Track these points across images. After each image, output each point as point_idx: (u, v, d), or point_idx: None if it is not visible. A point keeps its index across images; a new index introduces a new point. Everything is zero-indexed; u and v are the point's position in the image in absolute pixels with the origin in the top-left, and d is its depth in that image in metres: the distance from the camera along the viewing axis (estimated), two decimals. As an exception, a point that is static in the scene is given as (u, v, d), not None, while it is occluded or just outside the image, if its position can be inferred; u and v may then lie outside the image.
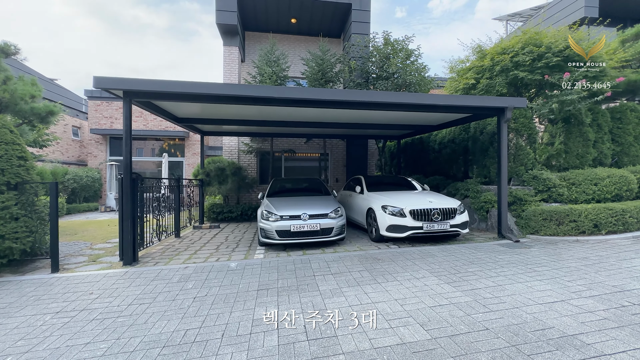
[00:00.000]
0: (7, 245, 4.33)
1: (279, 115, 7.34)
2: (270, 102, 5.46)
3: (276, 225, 5.39)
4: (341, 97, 5.55)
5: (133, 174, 5.02)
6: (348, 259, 4.94)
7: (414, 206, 5.69)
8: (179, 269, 4.62)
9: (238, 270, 4.54)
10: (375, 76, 10.20)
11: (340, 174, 12.09)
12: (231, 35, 10.89)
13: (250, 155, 11.17)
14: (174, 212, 7.10)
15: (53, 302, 3.62)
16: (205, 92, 5.09)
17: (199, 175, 9.42)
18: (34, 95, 5.63)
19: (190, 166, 15.52)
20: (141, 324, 3.05)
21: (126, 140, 4.93)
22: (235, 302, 3.46)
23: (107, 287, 4.03)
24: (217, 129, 9.63)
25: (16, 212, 4.48)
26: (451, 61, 9.46)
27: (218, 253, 5.57)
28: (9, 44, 5.66)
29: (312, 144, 11.87)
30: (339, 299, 3.44)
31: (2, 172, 4.44)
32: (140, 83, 4.82)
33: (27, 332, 2.97)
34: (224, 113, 7.26)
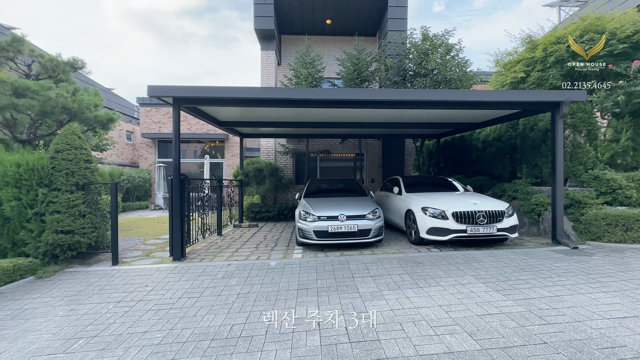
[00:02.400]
0: (76, 239, 4.85)
1: (314, 116, 7.41)
2: (306, 103, 5.53)
3: (314, 225, 5.44)
4: (379, 96, 5.46)
5: (181, 175, 5.36)
6: (387, 262, 4.84)
7: (457, 208, 5.42)
8: (222, 266, 4.84)
9: (278, 269, 4.65)
10: (413, 73, 9.89)
11: (375, 174, 11.90)
12: (268, 39, 11.20)
13: (287, 156, 11.40)
14: (216, 211, 7.47)
15: (114, 292, 3.98)
16: (245, 96, 5.29)
17: (239, 175, 9.81)
18: (97, 104, 6.22)
19: (229, 167, 16.22)
20: (191, 316, 3.24)
21: (175, 143, 5.27)
22: (277, 300, 3.54)
23: (160, 280, 4.34)
24: (255, 131, 9.97)
25: (83, 209, 4.99)
26: (497, 54, 8.91)
27: (258, 251, 5.76)
28: (77, 59, 6.35)
29: (347, 144, 11.82)
30: (379, 302, 3.38)
31: (72, 174, 4.98)
32: (187, 90, 5.13)
33: (94, 319, 3.30)
34: (262, 116, 7.49)
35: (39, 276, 4.60)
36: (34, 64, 6.14)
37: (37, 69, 6.25)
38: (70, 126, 5.23)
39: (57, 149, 4.97)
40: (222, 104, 5.51)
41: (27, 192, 4.73)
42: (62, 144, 5.01)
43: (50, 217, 4.74)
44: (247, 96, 5.28)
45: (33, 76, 6.09)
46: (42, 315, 3.47)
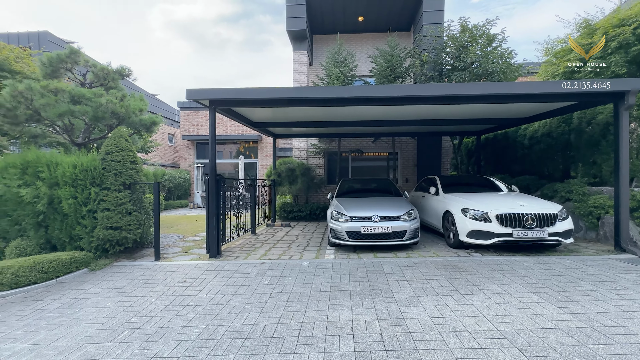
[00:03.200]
0: (123, 235, 5.19)
1: (346, 115, 7.30)
2: (339, 102, 5.44)
3: (346, 226, 5.34)
4: (415, 92, 5.22)
5: (217, 175, 5.53)
6: (424, 265, 4.60)
7: (502, 210, 5.02)
8: (256, 265, 4.91)
9: (310, 269, 4.61)
10: (451, 67, 9.39)
11: (410, 173, 11.49)
12: (300, 40, 11.26)
13: (318, 156, 11.40)
14: (250, 210, 7.63)
15: (156, 286, 4.19)
16: (278, 96, 5.32)
17: (272, 175, 9.97)
18: (142, 109, 6.63)
19: (262, 167, 16.61)
20: (226, 314, 3.30)
21: (212, 144, 5.45)
22: (309, 301, 3.49)
23: (197, 276, 4.50)
24: (287, 132, 10.07)
25: (129, 207, 5.33)
26: (546, 42, 8.14)
27: (290, 251, 5.78)
28: (124, 67, 6.83)
29: (380, 143, 11.54)
30: (416, 308, 3.20)
31: (120, 174, 5.34)
32: (222, 92, 5.28)
33: (138, 311, 3.48)
34: (293, 116, 7.53)
35: (92, 268, 4.99)
36: (88, 73, 6.70)
37: (91, 78, 6.81)
38: (118, 129, 5.62)
39: (107, 151, 5.36)
40: (255, 105, 5.60)
41: (82, 190, 5.15)
42: (112, 146, 5.39)
43: (101, 214, 5.12)
44: (280, 96, 5.31)
45: (87, 84, 6.65)
46: (94, 305, 3.73)
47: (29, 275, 4.47)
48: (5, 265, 4.50)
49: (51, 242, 5.37)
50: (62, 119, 5.46)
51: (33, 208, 5.14)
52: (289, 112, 6.94)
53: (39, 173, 5.20)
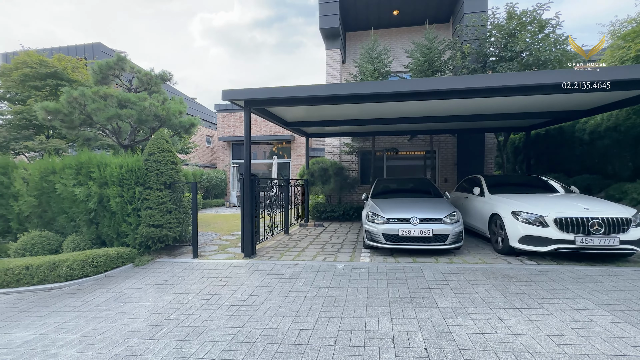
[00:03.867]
0: (164, 233, 5.39)
1: (381, 112, 7.01)
2: (375, 98, 5.20)
3: (382, 228, 5.08)
4: (459, 85, 4.82)
5: (251, 175, 5.55)
6: (469, 273, 4.22)
7: (562, 213, 4.46)
8: (289, 266, 4.84)
9: (345, 272, 4.44)
10: (496, 58, 8.71)
11: (449, 173, 10.85)
12: (333, 38, 11.11)
13: (352, 155, 11.16)
14: (284, 210, 7.63)
15: (194, 284, 4.26)
16: (311, 94, 5.20)
17: (304, 175, 9.93)
18: (181, 111, 6.88)
19: (295, 167, 16.71)
20: (260, 316, 3.23)
21: (246, 144, 5.48)
22: (345, 307, 3.32)
23: (232, 276, 4.52)
24: (320, 131, 9.96)
25: (170, 206, 5.53)
26: (613, 24, 7.20)
27: (324, 252, 5.64)
28: (166, 72, 7.15)
29: (416, 142, 11.03)
30: (464, 321, 2.89)
31: (162, 174, 5.55)
32: (256, 92, 5.28)
33: (177, 308, 3.54)
34: (326, 114, 7.39)
35: (136, 264, 5.23)
36: (133, 79, 7.10)
37: (136, 83, 7.21)
38: (160, 131, 5.86)
39: (150, 152, 5.60)
40: (289, 104, 5.54)
41: (127, 190, 5.43)
42: (154, 147, 5.62)
43: (144, 212, 5.36)
44: (313, 94, 5.20)
45: (133, 89, 7.06)
46: (137, 300, 3.88)
47: (82, 268, 4.79)
48: (62, 258, 4.85)
49: (101, 237, 5.73)
50: (110, 122, 5.80)
51: (85, 206, 5.52)
52: (322, 110, 6.82)
53: (91, 173, 5.57)
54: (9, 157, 6.55)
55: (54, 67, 7.48)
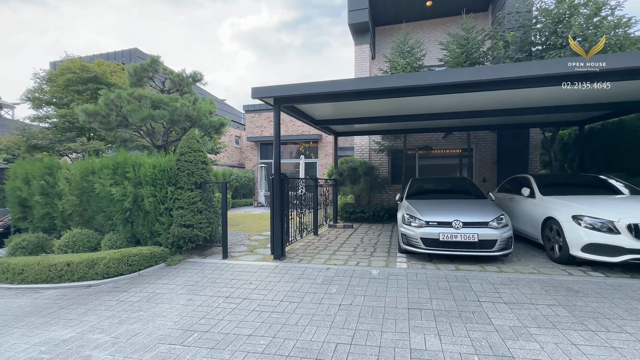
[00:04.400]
0: (194, 232, 5.37)
1: (414, 107, 6.59)
2: (411, 92, 4.82)
3: (421, 232, 4.70)
4: (508, 74, 4.33)
5: (281, 175, 5.39)
6: (524, 284, 3.75)
7: (637, 219, 3.85)
8: (321, 270, 4.61)
9: (381, 279, 4.12)
10: (543, 47, 7.95)
11: (488, 172, 10.10)
12: (362, 33, 10.76)
13: (382, 154, 10.74)
14: (313, 210, 7.42)
15: (224, 287, 4.16)
16: (342, 89, 4.93)
17: (333, 175, 9.68)
18: (211, 111, 6.89)
19: (322, 166, 16.51)
20: (292, 324, 3.02)
21: (276, 143, 5.33)
22: (385, 319, 3.02)
23: (262, 279, 4.36)
24: (349, 129, 9.66)
25: (200, 206, 5.51)
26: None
27: (356, 256, 5.35)
28: (197, 73, 7.20)
29: (451, 139, 10.39)
30: (529, 344, 2.49)
31: (192, 174, 5.55)
32: (285, 89, 5.10)
33: (207, 312, 3.43)
34: (356, 111, 7.09)
35: (168, 263, 5.25)
36: (166, 81, 7.23)
37: (169, 85, 7.34)
38: (191, 131, 5.88)
39: (181, 152, 5.62)
40: (319, 100, 5.31)
41: (160, 189, 5.48)
42: (185, 147, 5.63)
43: (175, 212, 5.37)
44: (345, 89, 4.93)
45: (166, 91, 7.18)
46: (168, 301, 3.83)
47: (117, 267, 4.87)
48: (99, 256, 4.97)
49: (136, 236, 5.84)
50: (144, 123, 5.90)
51: (121, 205, 5.64)
52: (352, 106, 6.54)
53: (126, 173, 5.69)
54: (54, 158, 6.92)
55: (94, 71, 7.83)
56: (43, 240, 6.47)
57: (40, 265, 5.22)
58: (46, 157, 7.31)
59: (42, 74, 8.05)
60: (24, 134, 7.38)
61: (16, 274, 5.36)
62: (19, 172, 7.01)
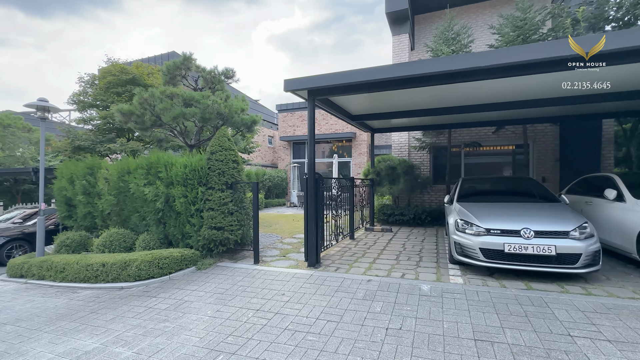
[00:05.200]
0: (225, 235, 5.10)
1: (459, 98, 5.80)
2: (469, 76, 4.11)
3: (480, 241, 3.98)
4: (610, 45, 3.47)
5: (316, 174, 4.93)
6: (629, 315, 2.92)
7: None
8: (361, 282, 4.07)
9: (434, 297, 3.50)
10: (620, 23, 6.73)
11: (548, 171, 8.86)
12: (401, 22, 10.02)
13: (423, 152, 9.89)
14: (349, 212, 6.90)
15: (254, 297, 3.78)
16: (385, 76, 4.35)
17: (369, 174, 9.07)
18: (243, 109, 6.64)
19: (356, 166, 15.89)
20: (331, 352, 2.54)
21: (310, 140, 4.89)
22: (446, 353, 2.42)
23: (296, 290, 3.93)
24: (387, 125, 8.97)
25: (231, 208, 5.22)
26: None
27: (400, 266, 4.74)
28: (229, 69, 7.00)
29: (503, 134, 9.27)
30: (666, 411, 1.77)
31: (223, 174, 5.28)
32: (321, 79, 4.63)
33: (235, 328, 3.05)
34: (394, 104, 6.43)
35: (198, 267, 5.03)
36: (199, 79, 7.11)
37: (202, 83, 7.22)
38: (222, 129, 5.63)
39: (212, 150, 5.38)
40: (357, 91, 4.76)
41: (191, 190, 5.28)
42: (215, 145, 5.39)
43: (206, 213, 5.14)
44: (387, 76, 4.34)
45: (199, 89, 7.06)
46: (195, 311, 3.53)
47: (148, 269, 4.72)
48: (132, 258, 4.86)
49: (168, 237, 5.72)
50: (176, 122, 5.77)
51: (154, 205, 5.54)
52: (390, 99, 5.91)
53: (159, 173, 5.58)
54: (96, 158, 7.09)
55: (132, 73, 7.99)
56: (85, 239, 6.62)
57: (79, 264, 5.25)
58: (89, 157, 7.54)
59: (86, 77, 8.38)
60: (69, 136, 7.70)
61: (58, 272, 5.46)
62: (64, 172, 7.28)
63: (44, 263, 5.75)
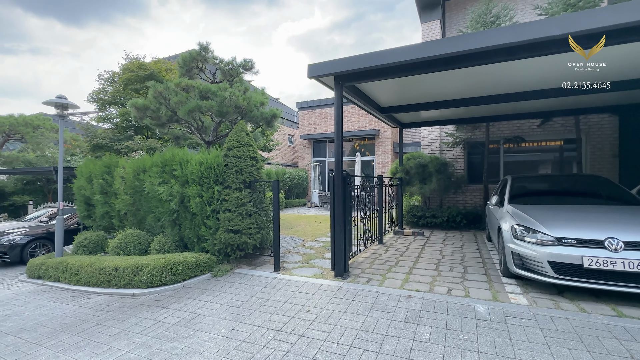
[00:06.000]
0: (243, 239, 4.63)
1: (499, 84, 5.05)
2: (519, 51, 3.38)
3: (549, 252, 3.24)
4: None
5: (343, 172, 4.36)
6: None
7: None
8: (400, 298, 3.44)
9: (495, 322, 2.82)
10: None
11: (605, 169, 7.78)
12: (431, 8, 9.25)
13: (456, 148, 9.05)
14: (377, 214, 6.26)
15: (275, 313, 3.26)
16: (425, 55, 3.69)
17: (398, 173, 8.38)
18: (263, 102, 6.18)
19: (380, 164, 15.16)
20: (374, 399, 1.95)
21: (337, 133, 4.34)
22: (535, 413, 1.77)
23: (322, 306, 3.37)
24: (416, 119, 8.24)
25: (250, 209, 4.75)
26: None
27: (443, 278, 4.06)
28: (247, 60, 6.56)
29: (549, 127, 8.26)
30: None
31: (241, 172, 4.82)
32: (350, 62, 4.04)
33: (253, 354, 2.53)
34: (425, 94, 5.73)
35: (214, 274, 4.58)
36: (216, 72, 6.72)
37: (220, 77, 6.83)
38: (241, 123, 5.18)
39: (229, 147, 4.93)
40: (391, 74, 4.12)
41: (206, 189, 4.86)
42: (233, 141, 4.94)
43: (223, 215, 4.69)
44: (429, 54, 3.67)
45: (217, 82, 6.67)
46: (208, 329, 3.05)
47: (161, 275, 4.32)
48: (144, 262, 4.50)
49: (183, 240, 5.34)
50: (192, 116, 5.39)
51: (169, 206, 5.17)
52: (424, 85, 5.24)
53: (174, 171, 5.20)
54: (113, 157, 6.87)
55: (151, 69, 7.76)
56: (102, 240, 6.40)
57: (93, 267, 4.97)
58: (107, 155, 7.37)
59: (106, 75, 8.25)
60: (88, 134, 7.58)
61: (72, 275, 5.21)
62: (84, 171, 7.12)
63: (60, 265, 5.53)
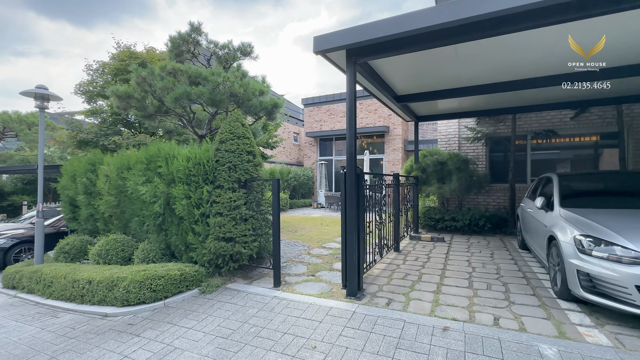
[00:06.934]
0: (237, 249, 3.89)
1: (529, 65, 4.22)
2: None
3: (635, 274, 2.43)
4: None
5: (356, 169, 3.60)
6: None
7: None
8: (434, 330, 2.66)
9: (576, 376, 2.02)
10: None
11: (650, 166, 6.87)
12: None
13: (477, 144, 8.19)
14: (394, 218, 5.47)
15: (271, 350, 2.50)
16: (466, 15, 2.90)
17: (413, 171, 7.57)
18: (263, 91, 5.48)
19: (389, 163, 14.34)
20: None
21: (350, 120, 3.59)
22: None
23: (333, 340, 2.60)
24: (433, 111, 7.41)
25: (244, 212, 4.01)
26: None
27: (482, 300, 3.26)
28: (245, 44, 5.83)
29: (585, 119, 7.34)
30: None
31: (235, 168, 4.09)
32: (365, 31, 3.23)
33: None
34: (445, 79, 4.94)
35: (203, 290, 3.85)
36: (211, 57, 6.00)
37: (216, 63, 6.11)
38: (235, 112, 4.45)
39: (222, 139, 4.21)
40: (420, 43, 3.32)
41: (195, 189, 4.13)
42: (226, 133, 4.21)
43: (213, 219, 3.96)
44: (472, 14, 2.87)
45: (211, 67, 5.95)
46: (183, 372, 2.32)
47: (138, 292, 3.62)
48: (120, 276, 3.79)
49: (170, 247, 4.64)
50: (180, 105, 4.68)
51: (153, 208, 4.47)
52: (443, 68, 4.46)
53: (158, 168, 4.50)
54: (98, 153, 6.21)
55: (142, 57, 7.09)
56: (85, 245, 5.74)
57: (66, 279, 4.31)
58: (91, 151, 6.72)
59: (95, 66, 7.62)
60: (73, 128, 6.95)
61: (46, 287, 4.58)
62: (68, 169, 6.49)
63: (34, 274, 4.88)
